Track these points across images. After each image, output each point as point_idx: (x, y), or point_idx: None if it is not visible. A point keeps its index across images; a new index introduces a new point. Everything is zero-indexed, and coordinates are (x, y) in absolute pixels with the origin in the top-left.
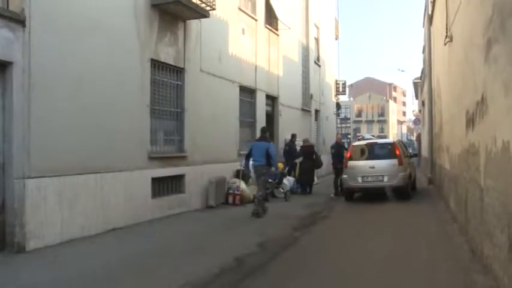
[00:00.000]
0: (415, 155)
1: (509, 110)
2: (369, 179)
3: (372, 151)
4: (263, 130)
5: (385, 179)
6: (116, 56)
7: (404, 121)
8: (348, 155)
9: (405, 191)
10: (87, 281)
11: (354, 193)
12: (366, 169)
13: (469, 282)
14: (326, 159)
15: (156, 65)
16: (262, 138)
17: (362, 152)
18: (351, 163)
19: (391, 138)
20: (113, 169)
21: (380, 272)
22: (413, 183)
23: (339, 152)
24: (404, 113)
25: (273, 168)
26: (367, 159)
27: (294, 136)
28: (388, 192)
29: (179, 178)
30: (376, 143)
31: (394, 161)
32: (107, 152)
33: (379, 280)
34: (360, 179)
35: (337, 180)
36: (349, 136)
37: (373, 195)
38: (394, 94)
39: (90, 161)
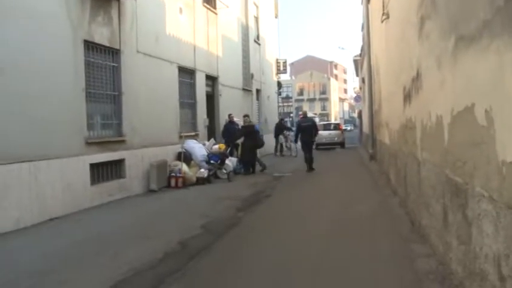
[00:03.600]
0: (345, 130)
1: (441, 85)
2: (328, 139)
3: (328, 126)
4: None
5: (335, 138)
6: (45, 38)
7: (346, 98)
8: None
9: (343, 144)
10: (22, 276)
11: (320, 145)
12: (326, 134)
13: (408, 251)
14: (268, 138)
15: (90, 46)
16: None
17: (324, 126)
18: (319, 132)
19: (333, 119)
20: (48, 157)
21: (323, 245)
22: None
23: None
24: (345, 91)
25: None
26: (326, 130)
27: (230, 116)
28: (337, 150)
29: (119, 163)
30: (331, 123)
31: (339, 131)
32: (41, 140)
33: (322, 255)
34: (324, 139)
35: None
36: (291, 115)
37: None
38: (335, 72)
39: (23, 150)
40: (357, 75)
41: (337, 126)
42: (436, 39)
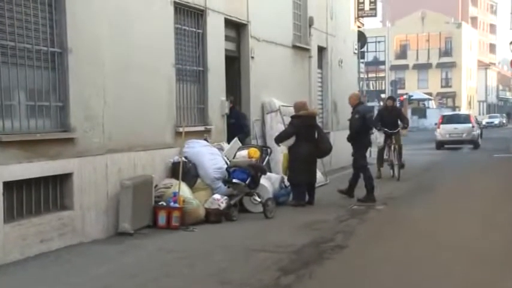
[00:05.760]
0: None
1: None
2: (454, 135)
3: (456, 118)
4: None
5: (463, 135)
6: None
7: (492, 63)
8: (440, 120)
9: (476, 143)
10: None
11: (444, 145)
12: (451, 129)
13: None
14: (339, 138)
15: None
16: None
17: (449, 119)
18: (442, 125)
19: (464, 103)
20: None
21: None
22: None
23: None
24: (492, 48)
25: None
26: (452, 123)
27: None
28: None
29: (61, 181)
30: (458, 114)
31: (470, 125)
32: None
33: None
34: (447, 135)
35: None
36: (382, 95)
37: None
38: (472, 11)
39: None
40: None
41: (469, 118)
42: None
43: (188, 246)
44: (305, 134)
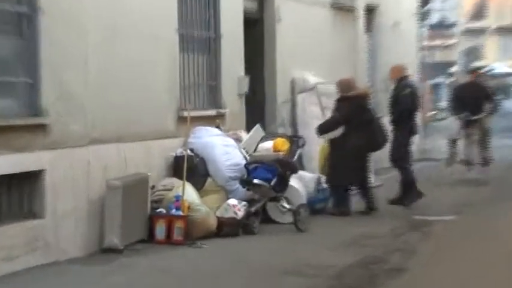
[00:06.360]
0: None
1: None
2: None
3: None
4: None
5: None
6: None
7: None
8: None
9: None
10: None
11: None
12: None
13: None
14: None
15: None
16: None
17: None
18: None
19: None
20: None
21: None
22: None
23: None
24: None
25: None
26: None
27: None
28: None
29: (29, 180)
30: None
31: None
32: None
33: None
34: None
35: None
36: (451, 70)
37: None
38: None
39: None
40: None
41: None
42: None
43: (194, 266)
44: (355, 122)
